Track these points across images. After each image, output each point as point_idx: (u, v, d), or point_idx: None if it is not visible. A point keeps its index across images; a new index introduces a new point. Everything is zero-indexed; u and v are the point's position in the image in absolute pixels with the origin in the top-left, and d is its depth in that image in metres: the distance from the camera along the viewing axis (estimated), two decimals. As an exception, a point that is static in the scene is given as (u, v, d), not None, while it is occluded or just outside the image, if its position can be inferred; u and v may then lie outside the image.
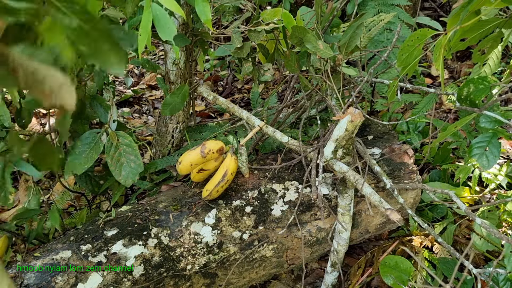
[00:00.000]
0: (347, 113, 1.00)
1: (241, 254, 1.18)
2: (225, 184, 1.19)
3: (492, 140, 0.86)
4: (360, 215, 1.29)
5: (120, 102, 2.67)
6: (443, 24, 2.04)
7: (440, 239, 1.01)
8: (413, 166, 1.31)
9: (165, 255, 1.12)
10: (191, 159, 1.17)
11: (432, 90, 1.15)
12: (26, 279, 1.01)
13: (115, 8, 0.98)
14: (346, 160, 1.09)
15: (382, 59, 1.18)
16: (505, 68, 1.86)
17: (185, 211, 1.20)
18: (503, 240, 0.84)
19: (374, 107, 1.84)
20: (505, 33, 0.97)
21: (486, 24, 0.90)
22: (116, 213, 1.20)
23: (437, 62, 0.86)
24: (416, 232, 1.39)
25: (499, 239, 1.22)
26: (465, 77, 2.17)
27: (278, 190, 1.25)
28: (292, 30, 1.10)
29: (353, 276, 1.34)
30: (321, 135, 1.25)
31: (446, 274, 1.15)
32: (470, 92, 0.88)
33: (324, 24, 1.28)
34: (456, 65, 2.35)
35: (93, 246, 1.10)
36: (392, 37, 1.87)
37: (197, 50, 1.45)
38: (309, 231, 1.24)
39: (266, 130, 1.22)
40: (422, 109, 1.61)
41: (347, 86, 1.35)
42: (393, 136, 1.38)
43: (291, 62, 1.22)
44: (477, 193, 1.49)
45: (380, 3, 1.97)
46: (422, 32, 0.86)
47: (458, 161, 1.65)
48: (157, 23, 0.85)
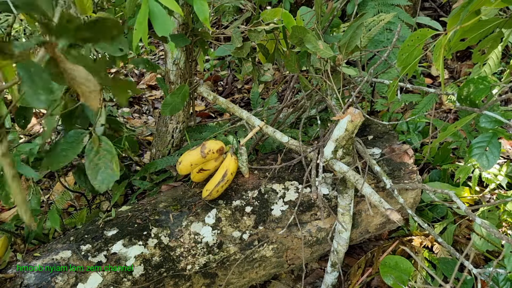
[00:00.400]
0: (347, 113, 1.00)
1: (241, 254, 1.17)
2: (225, 184, 1.19)
3: (492, 140, 0.86)
4: (360, 215, 1.29)
5: (120, 102, 2.67)
6: (443, 24, 2.04)
7: (440, 239, 1.01)
8: (413, 166, 1.31)
9: (165, 255, 1.12)
10: (191, 159, 1.17)
11: (432, 90, 1.15)
12: (26, 279, 1.01)
13: (107, 10, 0.98)
14: (346, 160, 1.09)
15: (382, 59, 1.18)
16: (505, 68, 1.86)
17: (185, 211, 1.20)
18: (503, 240, 0.84)
19: (374, 107, 1.84)
20: (505, 33, 0.97)
21: (486, 24, 0.90)
22: (116, 213, 1.20)
23: (437, 62, 0.86)
24: (416, 232, 1.39)
25: (499, 239, 1.22)
26: (465, 77, 2.17)
27: (278, 190, 1.25)
28: (292, 30, 1.10)
29: (353, 276, 1.34)
30: (321, 135, 1.25)
31: (446, 274, 1.15)
32: (470, 92, 0.88)
33: (324, 24, 1.28)
34: (456, 65, 2.35)
35: (93, 246, 1.10)
36: (392, 37, 1.87)
37: (197, 50, 1.45)
38: (309, 231, 1.24)
39: (266, 130, 1.22)
40: (422, 109, 1.61)
41: (347, 86, 1.35)
42: (393, 136, 1.38)
43: (291, 62, 1.22)
44: (477, 193, 1.49)
45: (380, 3, 1.97)
46: (422, 32, 0.86)
47: (458, 161, 1.65)
48: (153, 18, 0.84)
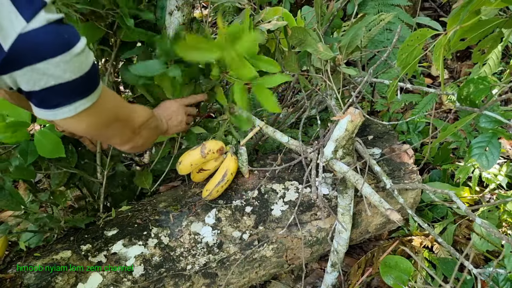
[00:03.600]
0: (347, 113, 1.00)
1: (241, 254, 1.18)
2: (225, 184, 1.19)
3: (492, 140, 0.86)
4: (360, 215, 1.29)
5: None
6: (443, 24, 2.04)
7: (440, 239, 1.01)
8: (413, 166, 1.31)
9: (165, 255, 1.12)
10: (191, 159, 1.17)
11: (432, 90, 1.15)
12: (26, 279, 1.01)
13: None
14: (346, 160, 1.09)
15: (382, 59, 1.18)
16: (505, 68, 1.86)
17: (185, 211, 1.20)
18: (503, 240, 0.84)
19: (374, 107, 1.84)
20: (505, 33, 0.97)
21: (486, 24, 0.90)
22: (116, 213, 1.20)
23: (437, 62, 0.86)
24: (416, 232, 1.39)
25: (499, 239, 1.22)
26: (465, 77, 2.17)
27: (278, 190, 1.25)
28: (292, 31, 1.10)
29: (353, 276, 1.34)
30: (321, 135, 1.25)
31: (446, 274, 1.15)
32: (470, 92, 0.88)
33: (325, 25, 1.28)
34: (456, 65, 2.35)
35: (93, 246, 1.10)
36: (392, 37, 1.87)
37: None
38: (309, 231, 1.24)
39: (266, 130, 1.22)
40: (422, 109, 1.61)
41: (347, 86, 1.35)
42: (393, 136, 1.38)
43: (291, 62, 1.22)
44: (477, 193, 1.49)
45: (380, 3, 1.97)
46: (422, 32, 0.86)
47: (458, 161, 1.65)
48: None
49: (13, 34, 0.54)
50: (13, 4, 0.53)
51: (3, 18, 0.53)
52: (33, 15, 0.54)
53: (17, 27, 0.54)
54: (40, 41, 0.56)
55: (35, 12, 0.55)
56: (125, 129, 0.85)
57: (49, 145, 0.99)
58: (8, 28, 0.53)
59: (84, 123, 0.72)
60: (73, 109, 0.67)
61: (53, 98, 0.64)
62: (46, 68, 0.58)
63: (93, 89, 0.68)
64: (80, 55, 0.61)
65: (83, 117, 0.69)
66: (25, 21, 0.54)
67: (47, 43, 0.57)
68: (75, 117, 0.68)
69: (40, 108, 0.66)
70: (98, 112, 0.73)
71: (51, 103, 0.65)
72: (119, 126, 0.83)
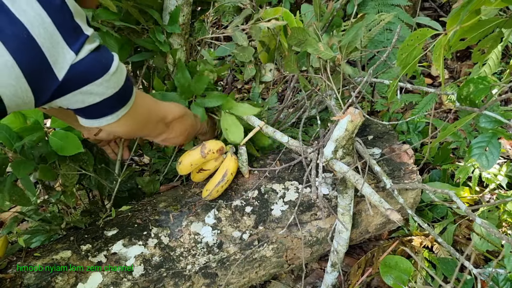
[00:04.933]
0: (347, 113, 0.99)
1: (241, 254, 1.18)
2: (225, 184, 1.19)
3: (492, 140, 0.86)
4: (360, 215, 1.29)
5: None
6: (443, 24, 2.04)
7: (440, 239, 1.01)
8: (413, 166, 1.31)
9: (165, 255, 1.12)
10: (191, 159, 1.17)
11: (432, 90, 1.14)
12: (26, 279, 1.01)
13: None
14: (346, 160, 1.09)
15: (382, 59, 1.18)
16: (505, 68, 1.86)
17: (185, 211, 1.20)
18: (503, 240, 0.84)
19: (374, 107, 1.84)
20: (505, 33, 0.97)
21: (486, 24, 0.90)
22: (116, 213, 1.20)
23: (437, 62, 0.86)
24: (416, 232, 1.39)
25: (499, 239, 1.22)
26: (465, 77, 2.17)
27: (278, 190, 1.25)
28: (291, 32, 1.10)
29: (353, 276, 1.34)
30: (321, 135, 1.25)
31: (446, 274, 1.15)
32: (470, 92, 0.88)
33: (324, 24, 1.28)
34: (456, 65, 2.35)
35: (93, 246, 1.10)
36: (392, 37, 1.87)
37: (197, 50, 1.45)
38: (309, 231, 1.24)
39: (266, 130, 1.22)
40: (422, 109, 1.61)
41: (347, 86, 1.35)
42: (393, 136, 1.38)
43: (291, 62, 1.22)
44: (477, 193, 1.49)
45: (380, 3, 1.97)
46: (422, 32, 0.86)
47: (458, 161, 1.65)
48: None
49: (66, 66, 0.65)
50: (65, 41, 0.64)
51: (58, 54, 0.64)
52: (80, 48, 0.66)
53: (69, 60, 0.65)
54: (85, 69, 0.68)
55: (81, 46, 0.66)
56: (158, 123, 0.99)
57: (66, 143, 1.05)
58: (63, 62, 0.65)
59: (124, 126, 0.85)
60: (115, 116, 0.80)
61: (100, 110, 0.77)
62: (91, 89, 0.71)
63: (129, 96, 0.81)
64: (116, 72, 0.73)
65: (123, 121, 0.83)
66: (75, 55, 0.66)
67: (90, 69, 0.69)
68: (116, 121, 0.81)
69: (87, 119, 0.80)
70: (135, 114, 0.86)
71: (98, 114, 0.79)
72: (154, 121, 0.97)
